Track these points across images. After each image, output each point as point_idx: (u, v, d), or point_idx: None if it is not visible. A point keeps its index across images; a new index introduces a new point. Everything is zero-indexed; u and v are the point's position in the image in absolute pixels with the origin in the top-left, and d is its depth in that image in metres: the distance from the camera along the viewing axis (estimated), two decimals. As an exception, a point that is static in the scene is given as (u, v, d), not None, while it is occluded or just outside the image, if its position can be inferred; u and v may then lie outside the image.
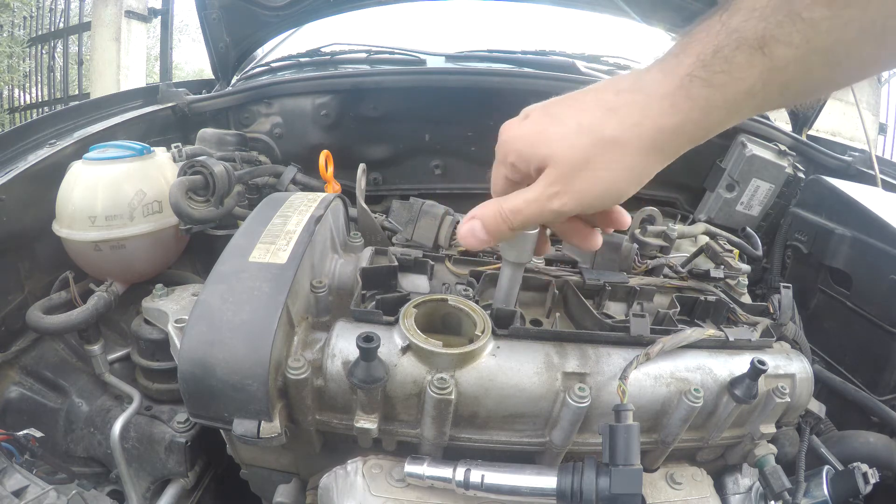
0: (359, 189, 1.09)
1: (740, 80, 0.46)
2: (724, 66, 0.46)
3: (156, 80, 5.63)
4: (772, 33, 0.43)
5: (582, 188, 0.53)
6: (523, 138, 0.56)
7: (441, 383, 0.68)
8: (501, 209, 0.58)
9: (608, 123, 0.51)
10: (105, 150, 1.22)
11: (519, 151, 0.56)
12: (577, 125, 0.52)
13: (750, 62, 0.45)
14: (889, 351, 1.17)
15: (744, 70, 0.45)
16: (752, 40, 0.44)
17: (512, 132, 0.58)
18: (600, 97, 0.53)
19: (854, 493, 0.90)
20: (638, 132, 0.50)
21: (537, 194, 0.55)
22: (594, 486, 0.65)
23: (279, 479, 0.88)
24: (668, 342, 0.76)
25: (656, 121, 0.50)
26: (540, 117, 0.56)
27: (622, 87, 0.52)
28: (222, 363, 0.64)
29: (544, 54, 2.08)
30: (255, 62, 2.13)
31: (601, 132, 0.51)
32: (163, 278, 1.31)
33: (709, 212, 1.63)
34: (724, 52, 0.46)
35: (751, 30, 0.44)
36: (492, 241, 0.61)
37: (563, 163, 0.53)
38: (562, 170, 0.53)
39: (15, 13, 6.73)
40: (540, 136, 0.54)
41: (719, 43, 0.46)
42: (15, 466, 0.82)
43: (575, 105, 0.54)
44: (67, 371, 1.23)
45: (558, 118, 0.54)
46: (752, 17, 0.44)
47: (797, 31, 0.42)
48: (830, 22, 0.41)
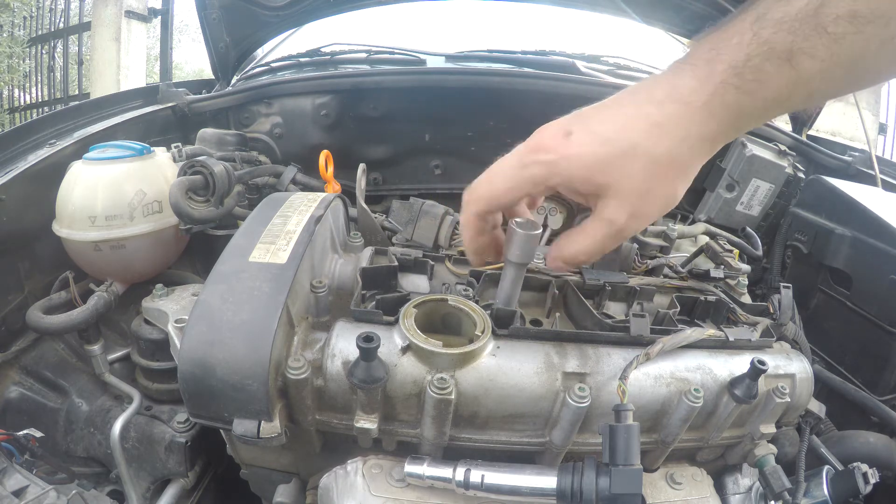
0: (359, 189, 1.09)
1: (770, 89, 0.48)
2: (755, 74, 0.47)
3: (156, 80, 5.63)
4: (799, 46, 0.45)
5: (647, 212, 0.55)
6: (576, 161, 0.54)
7: (441, 383, 0.68)
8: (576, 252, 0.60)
9: (659, 142, 0.52)
10: (105, 150, 1.22)
11: (569, 176, 0.55)
12: (630, 147, 0.52)
13: (779, 72, 0.47)
14: (889, 351, 1.17)
15: (773, 79, 0.47)
16: (780, 52, 0.46)
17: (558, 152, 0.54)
18: (643, 111, 0.52)
19: (854, 493, 0.90)
20: (688, 145, 0.52)
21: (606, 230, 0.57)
22: (594, 486, 0.65)
23: (279, 479, 0.88)
24: (668, 342, 0.76)
25: (700, 130, 0.51)
26: (585, 136, 0.54)
27: (660, 97, 0.52)
28: (222, 363, 0.64)
29: (544, 54, 2.08)
30: (255, 62, 2.13)
31: (655, 152, 0.52)
32: (163, 278, 1.31)
33: (709, 212, 1.63)
34: (755, 62, 0.47)
35: (780, 42, 0.46)
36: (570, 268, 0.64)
37: (625, 191, 0.54)
38: (625, 199, 0.54)
39: (15, 13, 6.73)
40: (595, 161, 0.53)
41: (750, 52, 0.47)
42: (15, 466, 0.82)
43: (617, 120, 0.53)
44: (67, 371, 1.23)
45: (608, 139, 0.53)
46: (782, 30, 0.46)
47: (822, 44, 0.44)
48: (854, 37, 0.43)
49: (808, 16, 0.44)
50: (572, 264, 0.62)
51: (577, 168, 0.54)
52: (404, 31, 2.23)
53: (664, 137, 0.52)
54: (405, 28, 2.26)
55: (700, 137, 0.52)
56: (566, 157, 0.54)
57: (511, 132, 1.88)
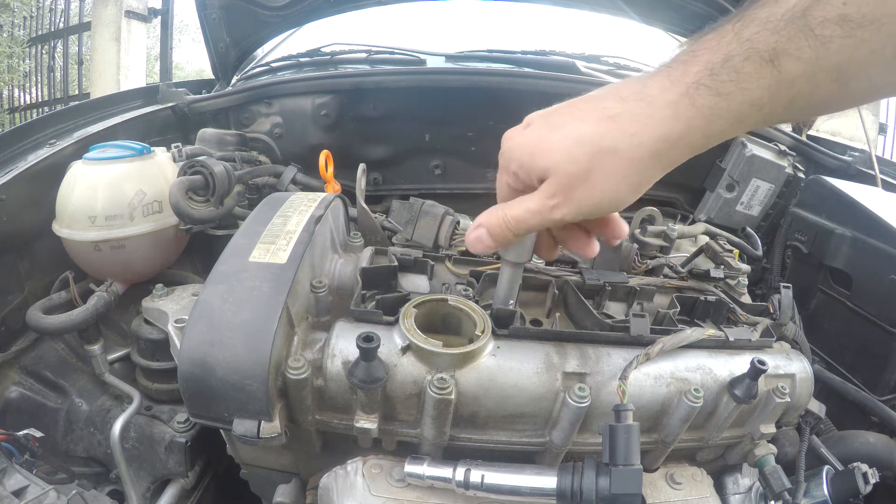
0: (359, 189, 1.09)
1: (747, 91, 0.46)
2: (733, 75, 0.46)
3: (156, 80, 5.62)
4: (784, 47, 0.43)
5: (581, 198, 0.53)
6: (524, 147, 0.56)
7: (441, 383, 0.68)
8: (505, 217, 0.58)
9: (608, 133, 0.51)
10: (105, 150, 1.22)
11: (520, 161, 0.56)
12: (576, 135, 0.52)
13: (759, 73, 0.45)
14: (889, 351, 1.17)
15: (752, 81, 0.45)
16: (763, 52, 0.44)
17: (514, 141, 0.58)
18: (601, 105, 0.52)
19: (854, 493, 0.90)
20: (638, 141, 0.50)
21: (538, 204, 0.55)
22: (594, 486, 0.65)
23: (279, 479, 0.88)
24: (668, 342, 0.76)
25: (657, 130, 0.49)
26: (540, 126, 0.56)
27: (625, 94, 0.51)
28: (222, 363, 0.64)
29: (544, 54, 2.08)
30: (255, 62, 2.13)
31: (599, 142, 0.51)
32: (163, 278, 1.31)
33: (709, 212, 1.63)
34: (734, 62, 0.45)
35: (763, 41, 0.44)
36: (497, 246, 0.62)
37: (563, 174, 0.53)
38: (561, 181, 0.53)
39: (15, 13, 6.73)
40: (540, 146, 0.54)
41: (730, 52, 0.46)
42: (15, 466, 0.82)
43: (575, 113, 0.54)
44: (67, 371, 1.23)
45: (558, 128, 0.54)
46: (766, 30, 0.44)
47: (808, 46, 0.43)
48: (842, 41, 0.42)
49: (795, 17, 0.43)
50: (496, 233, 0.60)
51: (524, 153, 0.56)
52: (404, 31, 2.24)
53: (614, 130, 0.50)
54: (405, 28, 2.26)
55: (657, 137, 0.49)
56: (518, 143, 0.57)
57: (511, 132, 1.87)
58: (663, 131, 0.49)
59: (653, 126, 0.49)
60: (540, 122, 0.56)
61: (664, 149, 0.50)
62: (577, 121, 0.53)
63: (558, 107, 0.56)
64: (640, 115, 0.50)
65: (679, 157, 0.52)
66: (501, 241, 0.61)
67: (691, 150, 0.51)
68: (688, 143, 0.50)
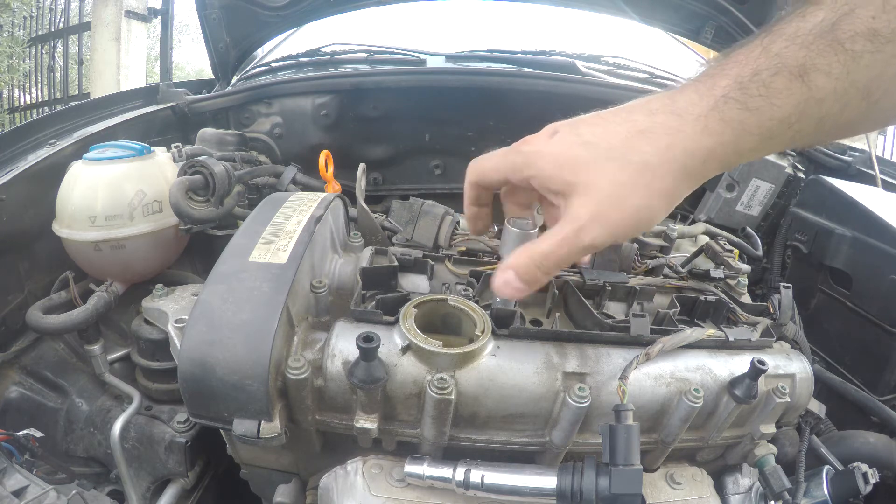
0: (359, 189, 1.09)
1: (777, 107, 0.45)
2: (762, 90, 0.45)
3: (156, 80, 5.62)
4: (813, 62, 0.43)
5: (613, 219, 0.50)
6: (551, 158, 0.53)
7: (441, 383, 0.68)
8: (532, 256, 0.55)
9: (639, 147, 0.49)
10: (105, 150, 1.22)
11: (541, 170, 0.54)
12: (607, 149, 0.50)
13: (789, 89, 0.44)
14: (889, 351, 1.17)
15: (781, 97, 0.44)
16: (792, 67, 0.43)
17: (537, 148, 0.55)
18: (631, 118, 0.51)
19: (854, 493, 0.90)
20: (670, 156, 0.48)
21: (566, 232, 0.52)
22: (594, 486, 0.65)
23: (279, 479, 0.88)
24: (668, 342, 0.76)
25: (688, 144, 0.48)
26: (568, 136, 0.53)
27: (655, 108, 0.50)
28: (222, 363, 0.65)
29: (544, 54, 2.07)
30: (255, 62, 2.13)
31: (632, 158, 0.49)
32: (163, 278, 1.31)
33: (709, 212, 1.63)
34: (763, 77, 0.45)
35: (792, 56, 0.43)
36: (529, 289, 0.58)
37: (592, 192, 0.50)
38: (590, 200, 0.50)
39: (15, 13, 6.73)
40: (568, 159, 0.52)
41: (758, 66, 0.45)
42: (15, 466, 0.82)
43: (605, 126, 0.52)
44: (67, 371, 1.23)
45: (587, 142, 0.51)
46: (794, 44, 0.43)
47: (838, 61, 0.42)
48: (872, 56, 0.41)
49: (824, 31, 0.42)
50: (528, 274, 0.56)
51: (550, 164, 0.53)
52: (404, 31, 2.23)
53: (645, 145, 0.49)
54: (405, 28, 2.26)
55: (687, 151, 0.48)
56: (543, 152, 0.54)
57: (511, 132, 1.86)
58: (694, 146, 0.48)
59: (684, 140, 0.48)
60: (568, 132, 0.54)
61: (695, 164, 0.49)
62: (608, 134, 0.51)
63: (586, 118, 0.54)
64: (670, 128, 0.48)
65: (709, 172, 0.50)
66: (532, 281, 0.57)
67: (721, 166, 0.50)
68: (718, 159, 0.49)
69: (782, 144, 0.48)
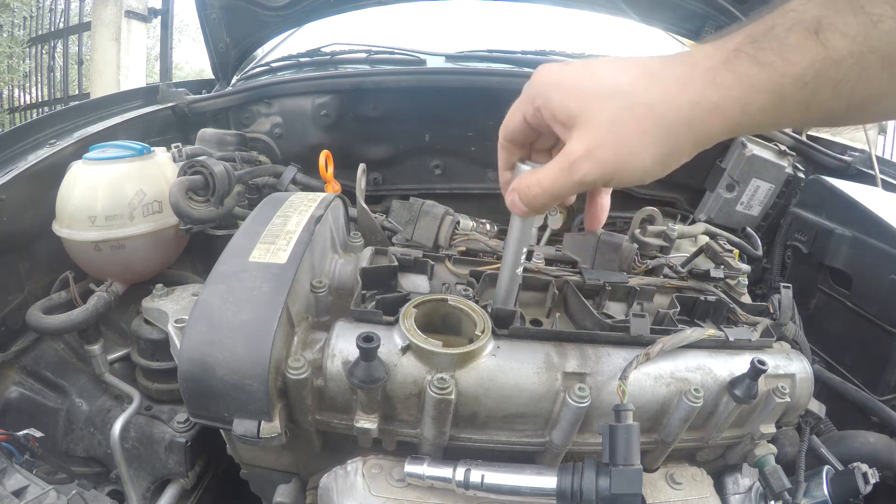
0: (359, 189, 1.09)
1: (790, 63, 0.43)
2: (775, 45, 0.43)
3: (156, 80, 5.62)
4: (830, 20, 0.42)
5: (606, 158, 0.50)
6: (558, 85, 0.53)
7: (441, 383, 0.68)
8: (530, 183, 0.57)
9: (646, 90, 0.48)
10: (105, 150, 1.22)
11: (548, 98, 0.54)
12: (613, 84, 0.50)
13: (803, 46, 0.42)
14: (889, 351, 1.17)
15: (795, 52, 0.43)
16: (807, 22, 0.42)
17: (548, 75, 0.55)
18: (645, 63, 0.50)
19: (854, 493, 0.90)
20: (675, 104, 0.48)
21: (561, 164, 0.53)
22: (594, 486, 0.65)
23: (279, 479, 0.88)
24: (668, 342, 0.76)
25: (694, 95, 0.47)
26: (580, 68, 0.53)
27: (670, 58, 0.50)
28: (222, 363, 0.65)
29: (544, 54, 2.08)
30: (255, 62, 2.13)
31: (636, 97, 0.49)
32: (163, 278, 1.31)
33: (709, 212, 1.63)
34: (777, 32, 0.44)
35: (808, 12, 0.42)
36: (531, 212, 0.61)
37: (592, 127, 0.50)
38: (588, 134, 0.51)
39: (15, 13, 6.73)
40: (575, 88, 0.52)
41: (774, 23, 0.44)
42: (15, 466, 0.82)
43: (618, 66, 0.52)
44: (67, 371, 1.23)
45: (598, 76, 0.51)
46: (811, 3, 0.43)
47: (857, 22, 0.41)
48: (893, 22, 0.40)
49: None
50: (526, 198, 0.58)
51: (557, 92, 0.53)
52: (404, 31, 2.23)
53: (653, 87, 0.48)
54: (405, 28, 2.26)
55: (692, 102, 0.47)
56: (553, 82, 0.54)
57: (511, 132, 1.85)
58: (699, 97, 0.47)
59: (690, 91, 0.47)
60: (582, 65, 0.54)
61: (699, 117, 0.47)
62: (619, 72, 0.51)
63: (603, 58, 0.54)
64: (680, 77, 0.48)
65: (713, 131, 0.48)
66: (531, 205, 0.59)
67: (725, 126, 0.48)
68: (724, 116, 0.47)
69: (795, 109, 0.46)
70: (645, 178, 0.52)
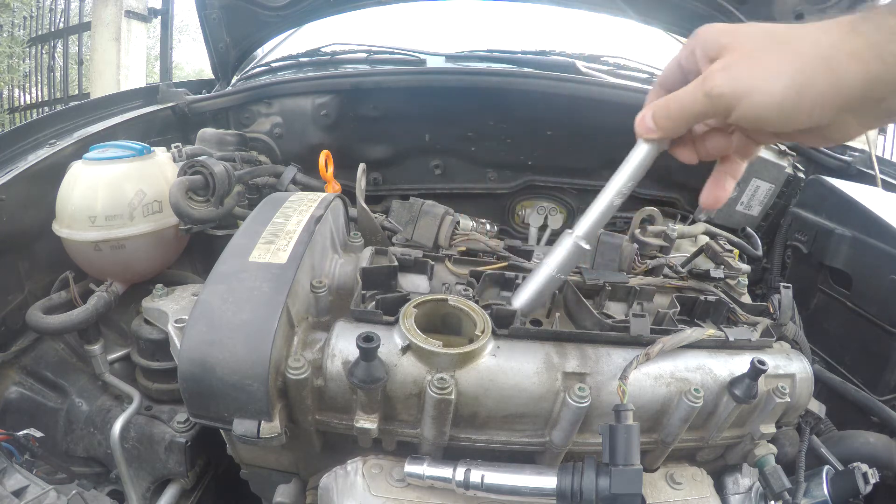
0: (359, 189, 1.09)
1: None
2: None
3: (156, 80, 5.62)
4: None
5: (740, 73, 0.53)
6: (717, 29, 0.57)
7: (441, 383, 0.68)
8: (662, 101, 0.60)
9: (793, 31, 0.52)
10: (105, 150, 1.22)
11: (705, 38, 0.57)
12: (765, 28, 0.53)
13: None
14: (889, 351, 1.17)
15: None
16: None
17: (711, 26, 0.58)
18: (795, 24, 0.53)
19: (854, 493, 0.90)
20: (816, 39, 0.50)
21: (696, 81, 0.56)
22: (594, 486, 0.65)
23: (279, 479, 0.88)
24: (668, 342, 0.76)
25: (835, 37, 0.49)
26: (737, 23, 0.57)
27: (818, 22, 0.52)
28: (222, 363, 0.65)
29: (544, 54, 2.07)
30: (255, 62, 2.13)
31: (782, 34, 0.52)
32: (163, 278, 1.31)
33: (708, 212, 1.63)
34: None
35: None
36: (657, 130, 0.62)
37: (735, 52, 0.53)
38: (729, 57, 0.54)
39: (15, 13, 6.73)
40: (730, 28, 0.56)
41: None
42: (15, 466, 0.82)
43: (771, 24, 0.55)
44: (67, 371, 1.23)
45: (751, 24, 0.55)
46: None
47: None
48: None
49: None
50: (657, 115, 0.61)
51: (713, 31, 0.57)
52: (404, 31, 2.23)
53: (799, 29, 0.51)
54: (405, 28, 2.26)
55: (833, 43, 0.49)
56: (713, 28, 0.57)
57: (511, 132, 1.86)
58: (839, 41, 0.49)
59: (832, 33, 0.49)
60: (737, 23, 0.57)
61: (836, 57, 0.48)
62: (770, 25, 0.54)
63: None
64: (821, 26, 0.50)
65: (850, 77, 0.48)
66: (660, 124, 0.61)
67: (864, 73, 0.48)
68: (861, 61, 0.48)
69: None
70: (773, 109, 0.52)
